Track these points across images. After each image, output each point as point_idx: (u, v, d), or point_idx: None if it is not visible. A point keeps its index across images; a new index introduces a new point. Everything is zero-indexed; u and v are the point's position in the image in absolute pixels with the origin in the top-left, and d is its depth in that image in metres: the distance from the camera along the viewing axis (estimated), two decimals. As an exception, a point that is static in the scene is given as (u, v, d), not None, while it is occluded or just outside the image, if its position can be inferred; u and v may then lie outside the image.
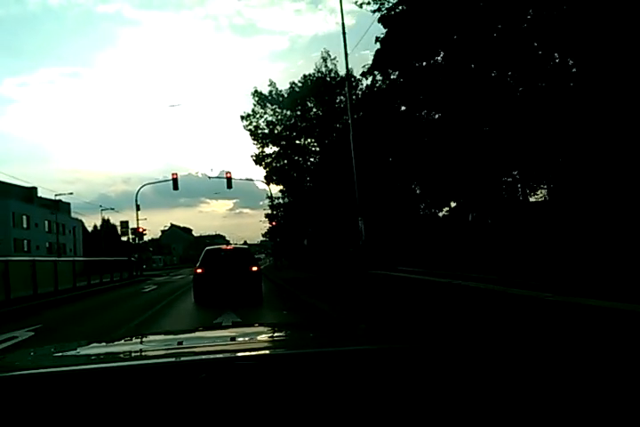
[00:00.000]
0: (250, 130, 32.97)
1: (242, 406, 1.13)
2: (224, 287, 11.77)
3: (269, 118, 33.17)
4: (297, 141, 32.60)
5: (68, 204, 70.04)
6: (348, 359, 1.31)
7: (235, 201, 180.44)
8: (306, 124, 32.47)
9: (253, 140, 33.35)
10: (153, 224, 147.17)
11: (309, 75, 31.84)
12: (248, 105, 32.61)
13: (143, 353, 1.83)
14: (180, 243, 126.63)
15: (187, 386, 1.14)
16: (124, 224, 37.21)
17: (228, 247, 14.70)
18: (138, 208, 32.98)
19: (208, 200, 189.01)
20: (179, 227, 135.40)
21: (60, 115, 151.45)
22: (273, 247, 69.47)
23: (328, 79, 32.06)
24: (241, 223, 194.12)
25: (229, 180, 30.00)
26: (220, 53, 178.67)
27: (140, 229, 33.19)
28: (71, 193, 51.57)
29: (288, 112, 32.98)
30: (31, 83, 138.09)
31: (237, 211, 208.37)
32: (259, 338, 2.10)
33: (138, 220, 32.56)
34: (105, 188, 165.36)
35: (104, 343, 2.05)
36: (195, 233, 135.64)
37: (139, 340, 2.14)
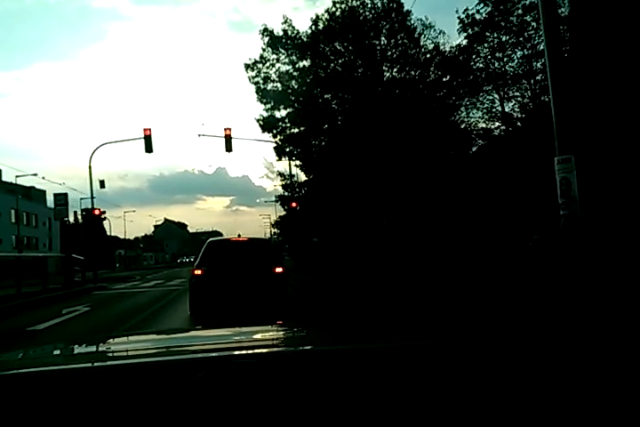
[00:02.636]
0: (256, 83, 24.31)
1: (239, 405, 1.08)
2: (234, 297, 8.54)
3: (283, 68, 24.46)
4: (322, 98, 23.73)
5: (44, 191, 60.23)
6: (347, 359, 1.25)
7: (231, 198, 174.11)
8: (333, 78, 23.74)
9: (261, 98, 24.76)
10: (149, 220, 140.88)
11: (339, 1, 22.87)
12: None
13: (138, 352, 1.70)
14: (173, 239, 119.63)
15: (183, 385, 1.09)
16: (60, 197, 22.38)
17: (240, 239, 10.92)
18: (101, 185, 23.63)
19: (205, 197, 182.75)
20: (173, 222, 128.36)
21: (56, 111, 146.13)
22: (279, 243, 61.57)
23: (367, 13, 23.44)
24: (237, 220, 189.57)
25: (228, 138, 20.85)
26: (216, 49, 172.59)
27: (97, 212, 22.74)
28: (35, 174, 41.99)
29: (308, 61, 24.30)
30: (25, 77, 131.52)
31: (234, 208, 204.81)
32: (255, 337, 1.99)
33: (92, 195, 21.89)
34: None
35: (95, 343, 1.97)
36: (190, 229, 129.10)
37: (133, 339, 2.08)
